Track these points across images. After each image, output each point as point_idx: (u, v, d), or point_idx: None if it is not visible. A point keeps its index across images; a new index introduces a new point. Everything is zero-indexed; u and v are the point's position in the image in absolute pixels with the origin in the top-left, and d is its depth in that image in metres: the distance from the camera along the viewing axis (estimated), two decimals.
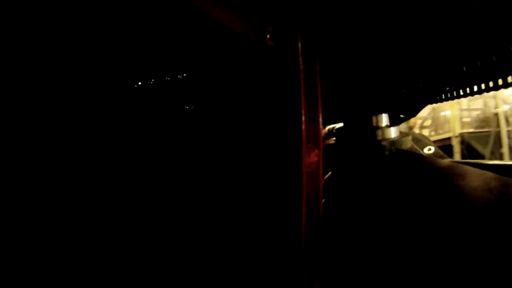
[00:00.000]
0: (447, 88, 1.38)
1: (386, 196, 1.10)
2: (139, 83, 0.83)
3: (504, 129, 5.39)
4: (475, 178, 1.10)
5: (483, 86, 1.15)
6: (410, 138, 1.57)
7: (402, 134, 1.44)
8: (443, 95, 1.43)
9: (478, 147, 5.73)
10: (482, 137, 5.70)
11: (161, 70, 0.83)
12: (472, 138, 6.11)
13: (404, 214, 0.98)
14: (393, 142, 1.39)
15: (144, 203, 0.84)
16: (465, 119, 6.65)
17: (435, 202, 1.00)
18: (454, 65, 1.04)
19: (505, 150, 5.48)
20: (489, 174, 1.09)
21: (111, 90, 0.83)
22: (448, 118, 6.57)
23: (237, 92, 0.83)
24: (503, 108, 5.35)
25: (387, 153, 1.35)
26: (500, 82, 1.05)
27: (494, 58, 0.95)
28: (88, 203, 0.84)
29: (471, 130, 6.06)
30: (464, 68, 1.06)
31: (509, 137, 5.36)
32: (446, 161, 1.46)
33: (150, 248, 0.82)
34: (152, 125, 0.85)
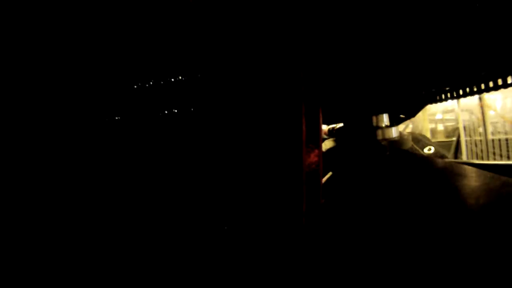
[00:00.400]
0: (447, 88, 1.39)
1: (386, 196, 1.11)
2: (139, 84, 0.83)
3: (463, 139, 6.30)
4: (475, 178, 1.10)
5: (482, 86, 1.15)
6: (410, 138, 1.58)
7: (402, 134, 1.44)
8: (443, 95, 1.44)
9: (445, 153, 6.39)
10: (447, 145, 6.72)
11: (167, 71, 0.83)
12: (440, 146, 6.78)
13: (404, 213, 0.98)
14: (393, 142, 1.39)
15: (145, 202, 0.85)
16: (440, 129, 7.71)
17: (435, 201, 1.00)
18: (454, 65, 1.04)
19: (464, 156, 6.39)
20: (489, 174, 1.09)
21: (108, 90, 0.84)
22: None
23: (237, 93, 0.83)
24: (462, 121, 6.28)
25: (387, 153, 1.35)
26: (500, 82, 1.05)
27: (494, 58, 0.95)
28: (88, 203, 0.85)
29: (440, 139, 6.97)
30: (464, 68, 1.06)
31: (466, 145, 6.28)
32: (446, 161, 1.46)
33: (151, 245, 0.82)
34: (152, 127, 0.85)
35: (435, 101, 1.48)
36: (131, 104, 0.84)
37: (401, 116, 1.54)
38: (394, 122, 1.47)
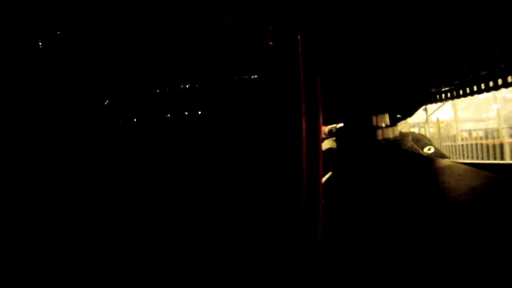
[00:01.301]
0: (447, 88, 1.39)
1: (387, 196, 1.11)
2: (142, 86, 0.83)
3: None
4: (475, 178, 1.10)
5: (483, 86, 1.15)
6: (410, 138, 1.58)
7: (402, 134, 1.44)
8: (443, 95, 1.44)
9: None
10: None
11: (164, 74, 0.83)
12: None
13: (404, 213, 0.98)
14: (393, 142, 1.39)
15: (147, 203, 0.85)
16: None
17: (435, 201, 1.00)
18: (454, 65, 1.04)
19: None
20: (487, 173, 1.09)
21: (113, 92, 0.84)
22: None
23: (239, 95, 0.83)
24: (429, 132, 7.15)
25: (387, 153, 1.35)
26: (500, 82, 1.05)
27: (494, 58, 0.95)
28: (90, 202, 0.85)
29: None
30: (464, 68, 1.06)
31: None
32: (446, 160, 1.46)
33: (154, 244, 0.82)
34: (154, 129, 0.85)
35: (435, 101, 1.48)
36: (131, 105, 0.84)
37: (398, 116, 1.54)
38: (393, 122, 1.47)
